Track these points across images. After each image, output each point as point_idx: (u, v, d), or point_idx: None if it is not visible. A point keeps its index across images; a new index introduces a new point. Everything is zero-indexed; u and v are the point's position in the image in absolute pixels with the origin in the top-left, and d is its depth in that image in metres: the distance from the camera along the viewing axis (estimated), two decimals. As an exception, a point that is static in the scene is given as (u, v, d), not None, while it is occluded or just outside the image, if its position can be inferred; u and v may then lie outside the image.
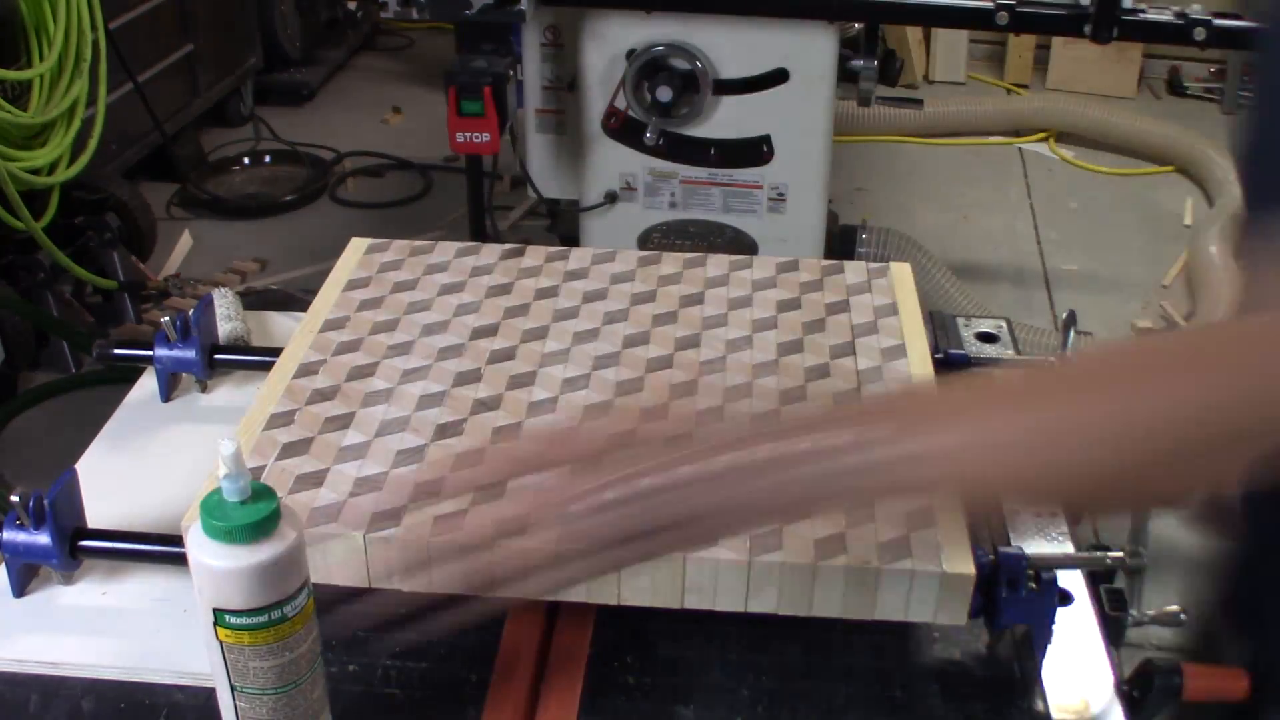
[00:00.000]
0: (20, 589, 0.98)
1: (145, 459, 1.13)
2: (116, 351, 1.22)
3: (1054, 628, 0.90)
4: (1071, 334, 1.15)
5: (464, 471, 0.93)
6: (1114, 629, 0.89)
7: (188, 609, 0.96)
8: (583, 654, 0.93)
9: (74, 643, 0.93)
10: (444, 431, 1.01)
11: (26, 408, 2.64)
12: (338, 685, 0.91)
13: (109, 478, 1.10)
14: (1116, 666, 0.91)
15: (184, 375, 1.21)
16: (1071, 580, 0.99)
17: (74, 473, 1.00)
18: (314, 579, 0.92)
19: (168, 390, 1.20)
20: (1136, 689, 0.88)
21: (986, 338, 1.31)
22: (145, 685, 0.91)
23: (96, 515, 1.01)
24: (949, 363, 1.15)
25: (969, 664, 0.93)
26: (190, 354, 1.17)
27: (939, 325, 1.33)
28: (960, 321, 1.33)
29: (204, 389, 1.21)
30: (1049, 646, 0.90)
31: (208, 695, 0.90)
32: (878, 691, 0.90)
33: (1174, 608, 0.91)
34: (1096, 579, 0.97)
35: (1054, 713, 0.89)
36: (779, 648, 0.94)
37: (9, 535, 0.96)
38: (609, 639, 0.94)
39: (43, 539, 0.96)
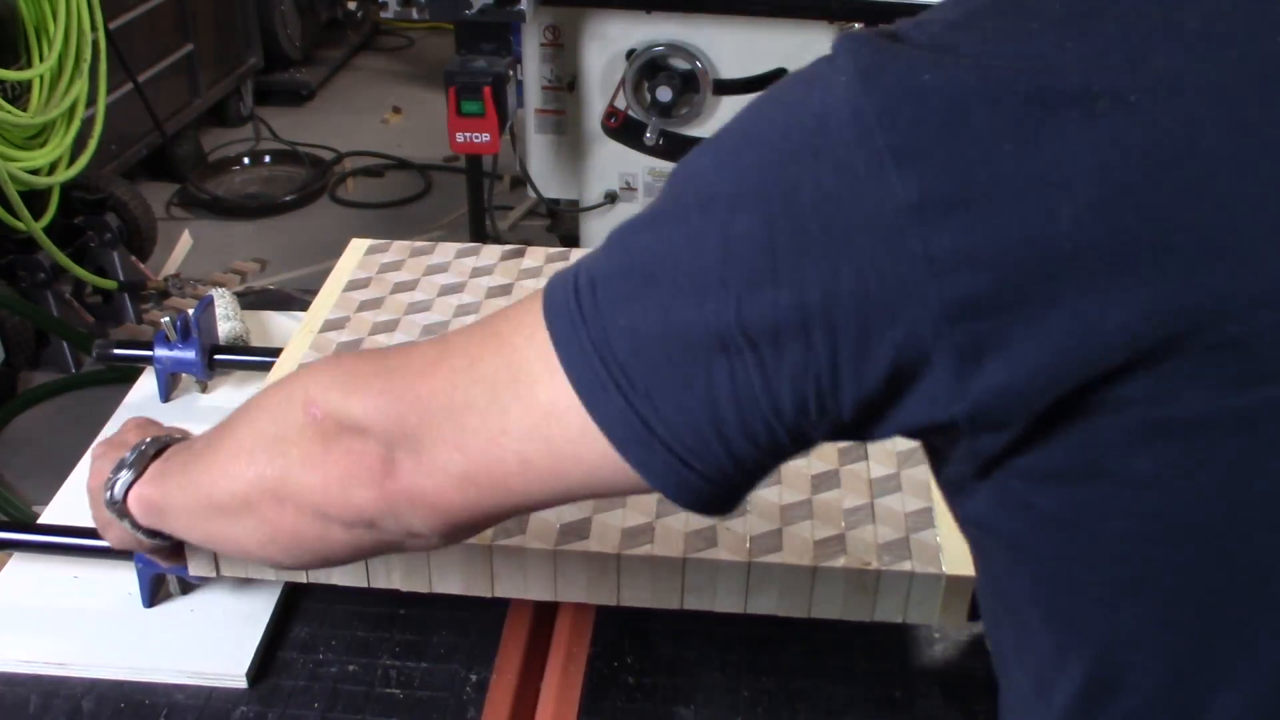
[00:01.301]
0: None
1: (145, 459, 1.13)
2: (116, 351, 1.22)
3: None
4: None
5: None
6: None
7: (190, 609, 0.97)
8: (583, 654, 0.93)
9: (74, 643, 0.93)
10: (444, 431, 1.00)
11: (26, 408, 2.64)
12: (337, 685, 0.91)
13: (109, 478, 1.10)
14: None
15: (184, 375, 1.21)
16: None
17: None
18: (314, 578, 0.92)
19: (167, 390, 1.20)
20: None
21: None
22: (145, 685, 0.91)
23: (96, 515, 1.01)
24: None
25: (969, 664, 0.93)
26: (190, 354, 1.17)
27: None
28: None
29: (204, 389, 1.21)
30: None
31: (208, 695, 0.90)
32: (878, 692, 0.90)
33: None
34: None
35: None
36: (779, 648, 0.94)
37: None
38: (609, 639, 0.94)
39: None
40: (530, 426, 0.54)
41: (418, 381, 0.59)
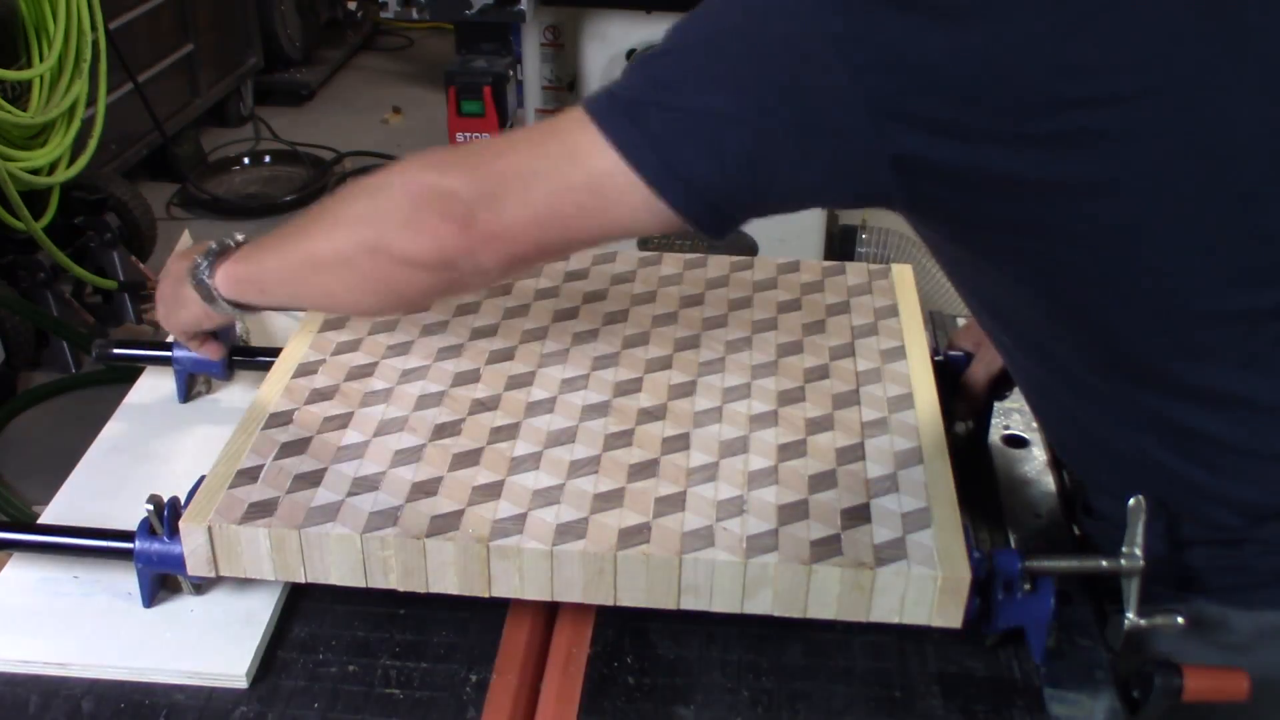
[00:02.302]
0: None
1: (145, 459, 1.13)
2: (116, 351, 1.22)
3: (1052, 628, 0.90)
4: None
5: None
6: (1113, 629, 0.89)
7: (191, 609, 0.97)
8: (583, 654, 0.93)
9: (74, 643, 0.93)
10: (442, 431, 1.01)
11: (26, 408, 2.64)
12: (337, 685, 0.91)
13: (109, 478, 1.10)
14: (1116, 666, 0.91)
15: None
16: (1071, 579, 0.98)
17: None
18: (312, 578, 0.93)
19: (186, 391, 1.20)
20: (1136, 689, 0.88)
21: (986, 338, 1.31)
22: (145, 685, 0.91)
23: (96, 515, 1.01)
24: (948, 364, 1.16)
25: (968, 664, 0.93)
26: (211, 354, 1.17)
27: (939, 325, 1.33)
28: (960, 321, 1.33)
29: (208, 388, 1.21)
30: (1046, 646, 0.90)
31: (208, 695, 0.90)
32: (877, 692, 0.90)
33: (1171, 610, 0.89)
34: (1095, 579, 0.97)
35: (1054, 713, 0.89)
36: (779, 648, 0.94)
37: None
38: (609, 639, 0.94)
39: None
40: (585, 182, 0.78)
41: (495, 160, 0.83)
